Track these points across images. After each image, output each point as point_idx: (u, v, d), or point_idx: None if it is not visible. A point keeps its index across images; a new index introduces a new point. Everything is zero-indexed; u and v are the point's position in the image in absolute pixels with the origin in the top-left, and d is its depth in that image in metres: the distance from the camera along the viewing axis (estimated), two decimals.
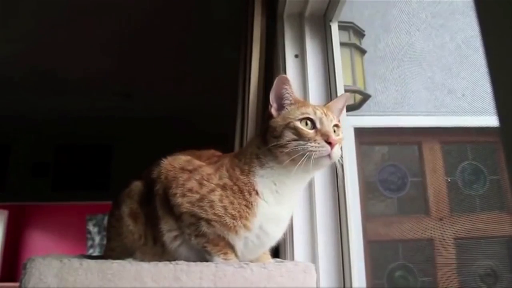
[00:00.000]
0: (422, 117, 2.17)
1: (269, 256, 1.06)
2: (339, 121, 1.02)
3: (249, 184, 0.94)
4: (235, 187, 0.94)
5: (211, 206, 0.92)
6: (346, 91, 1.52)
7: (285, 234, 1.36)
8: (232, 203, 0.92)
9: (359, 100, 2.08)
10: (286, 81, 0.99)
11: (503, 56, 0.51)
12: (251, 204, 0.93)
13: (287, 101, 1.00)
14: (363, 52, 2.12)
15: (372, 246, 2.08)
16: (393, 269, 2.11)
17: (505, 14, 0.50)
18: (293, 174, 0.94)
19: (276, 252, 1.39)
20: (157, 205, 0.97)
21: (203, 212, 0.92)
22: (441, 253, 1.99)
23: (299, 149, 0.91)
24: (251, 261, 0.98)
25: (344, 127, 1.41)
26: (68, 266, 0.82)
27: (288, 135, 0.93)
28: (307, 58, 1.46)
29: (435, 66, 2.12)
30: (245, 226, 0.92)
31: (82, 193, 4.61)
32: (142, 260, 0.97)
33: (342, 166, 1.05)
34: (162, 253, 0.98)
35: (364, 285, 1.64)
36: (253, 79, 1.44)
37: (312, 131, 0.94)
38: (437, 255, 2.00)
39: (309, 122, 0.95)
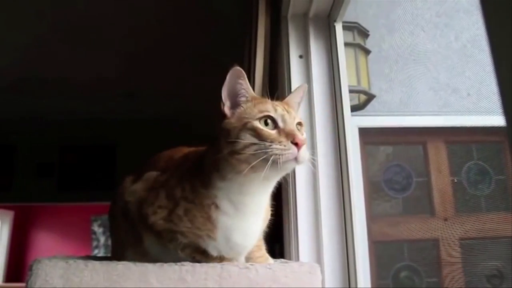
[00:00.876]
0: (427, 117, 2.18)
1: (268, 257, 1.03)
2: (300, 118, 0.91)
3: (208, 197, 0.87)
4: (196, 200, 0.87)
5: (180, 219, 0.87)
6: (350, 91, 1.52)
7: (290, 235, 1.37)
8: (195, 216, 0.86)
9: (363, 100, 2.09)
10: (241, 75, 0.87)
11: (509, 55, 0.50)
12: (211, 218, 0.86)
13: (242, 98, 0.88)
14: (367, 52, 2.13)
15: (377, 246, 2.08)
16: (398, 269, 2.11)
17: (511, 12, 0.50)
18: (255, 183, 0.85)
19: (281, 253, 1.40)
20: (135, 222, 0.94)
21: (175, 226, 0.87)
22: (446, 253, 2.00)
23: (260, 153, 0.79)
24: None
25: (349, 127, 1.43)
26: (74, 267, 0.83)
27: (246, 138, 0.81)
28: (312, 58, 1.46)
29: (440, 65, 2.12)
30: (209, 237, 0.87)
31: (87, 194, 4.63)
32: (133, 258, 0.94)
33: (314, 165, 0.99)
34: (144, 254, 0.94)
35: (369, 285, 1.64)
36: (257, 80, 1.44)
37: (274, 131, 0.82)
38: (443, 256, 2.01)
39: (269, 121, 0.84)
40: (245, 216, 0.89)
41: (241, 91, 0.88)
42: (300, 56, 1.49)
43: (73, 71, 3.32)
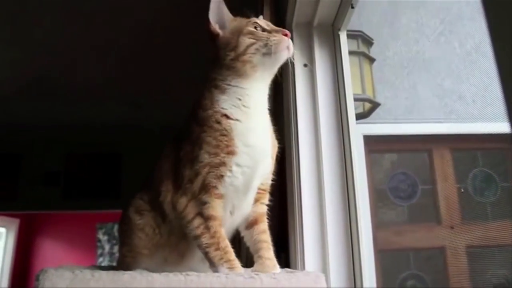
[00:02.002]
0: (432, 124, 2.18)
1: (276, 264, 1.03)
2: None
3: (214, 114, 0.95)
4: (205, 127, 0.94)
5: (198, 160, 0.93)
6: (355, 99, 1.52)
7: (296, 244, 1.36)
8: (209, 142, 0.93)
9: (368, 108, 2.09)
10: (221, 2, 1.03)
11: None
12: (226, 130, 0.93)
13: (227, 18, 1.03)
14: (372, 60, 2.13)
15: (382, 255, 2.07)
16: (404, 278, 2.10)
17: None
18: (254, 80, 0.98)
19: (287, 262, 1.39)
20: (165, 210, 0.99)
21: (198, 177, 0.93)
22: (453, 262, 1.99)
23: (261, 48, 0.95)
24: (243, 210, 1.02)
25: (354, 135, 1.43)
26: (80, 277, 0.83)
27: (245, 41, 0.96)
28: (316, 67, 1.46)
29: (445, 72, 2.13)
30: (229, 153, 0.93)
31: (93, 202, 4.64)
32: (165, 258, 1.01)
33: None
34: (171, 231, 1.00)
35: None
36: None
37: (265, 32, 0.98)
38: (449, 264, 2.00)
39: (258, 28, 0.99)
40: (252, 118, 0.97)
41: (224, 13, 1.03)
42: (305, 65, 1.49)
43: (78, 79, 3.34)
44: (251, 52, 0.96)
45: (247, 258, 1.11)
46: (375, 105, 2.10)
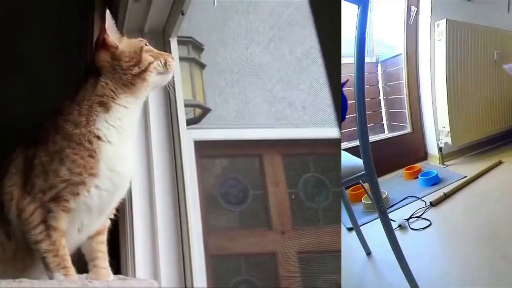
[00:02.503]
0: (263, 129, 2.42)
1: (110, 272, 1.15)
2: None
3: (87, 134, 1.02)
4: (72, 143, 1.01)
5: (58, 175, 1.00)
6: (186, 105, 1.70)
7: (126, 250, 1.51)
8: (75, 161, 1.00)
9: (199, 114, 2.31)
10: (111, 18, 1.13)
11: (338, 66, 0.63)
12: (94, 152, 1.01)
13: (117, 34, 1.13)
14: (202, 66, 2.36)
15: (214, 260, 2.18)
16: (236, 284, 2.27)
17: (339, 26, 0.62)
18: (139, 100, 1.10)
19: (117, 268, 1.53)
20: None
21: (52, 190, 1.00)
22: (284, 267, 2.22)
23: (157, 67, 1.09)
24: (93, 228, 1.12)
25: (184, 141, 1.61)
26: None
27: (148, 58, 1.08)
28: None
29: (275, 78, 2.40)
30: (92, 174, 1.01)
31: None
32: (4, 271, 1.05)
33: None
34: (17, 248, 1.07)
35: None
36: None
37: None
38: (281, 269, 2.23)
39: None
40: (125, 141, 1.09)
41: (115, 27, 1.13)
42: None
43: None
44: (151, 70, 1.08)
45: (78, 265, 1.25)
46: (205, 111, 2.33)
